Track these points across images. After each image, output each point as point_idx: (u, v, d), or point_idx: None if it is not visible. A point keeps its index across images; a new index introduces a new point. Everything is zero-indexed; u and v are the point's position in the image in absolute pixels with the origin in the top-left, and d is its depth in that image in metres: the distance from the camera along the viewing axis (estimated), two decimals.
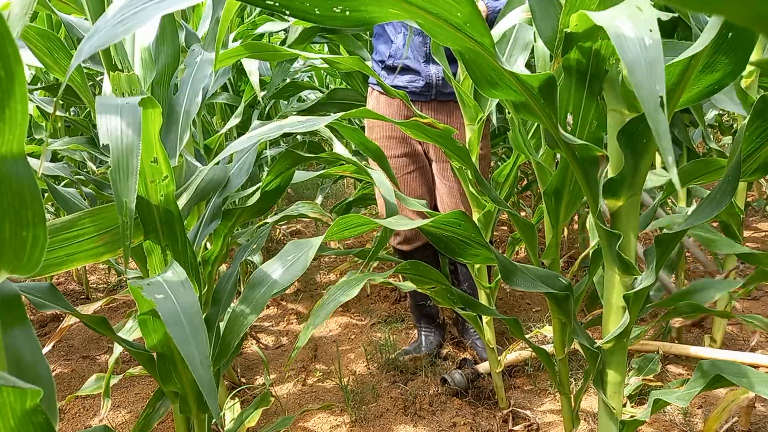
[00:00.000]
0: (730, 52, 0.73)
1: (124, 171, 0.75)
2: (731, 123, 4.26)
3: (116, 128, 0.76)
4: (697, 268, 2.96)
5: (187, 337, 0.75)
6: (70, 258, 0.86)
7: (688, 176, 1.03)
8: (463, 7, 0.63)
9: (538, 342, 2.19)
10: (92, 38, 0.58)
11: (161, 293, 0.80)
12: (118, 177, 0.74)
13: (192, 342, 0.75)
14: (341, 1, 0.61)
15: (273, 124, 1.07)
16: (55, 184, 1.93)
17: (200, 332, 0.77)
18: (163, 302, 0.78)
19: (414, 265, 1.11)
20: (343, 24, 0.64)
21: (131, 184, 0.74)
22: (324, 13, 0.61)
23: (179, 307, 0.78)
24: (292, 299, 2.89)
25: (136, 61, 1.17)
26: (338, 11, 0.62)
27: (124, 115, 0.77)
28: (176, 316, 0.77)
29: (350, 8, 0.62)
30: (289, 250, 1.06)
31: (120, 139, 0.75)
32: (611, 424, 0.98)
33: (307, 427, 1.76)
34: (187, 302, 0.80)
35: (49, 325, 2.66)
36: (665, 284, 1.71)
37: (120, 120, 0.76)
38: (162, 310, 0.76)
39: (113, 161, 0.74)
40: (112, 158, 0.74)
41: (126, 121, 0.76)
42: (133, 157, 0.75)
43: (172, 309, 0.78)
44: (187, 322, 0.77)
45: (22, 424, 0.54)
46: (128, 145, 0.75)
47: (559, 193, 1.12)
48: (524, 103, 0.84)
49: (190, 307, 0.79)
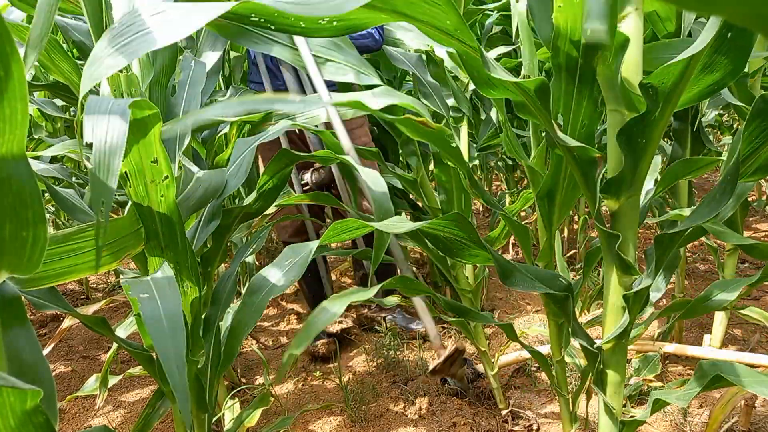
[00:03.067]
0: (730, 52, 0.73)
1: (104, 171, 0.72)
2: (731, 123, 4.26)
3: (102, 128, 0.74)
4: (697, 269, 2.96)
5: (164, 339, 0.76)
6: (68, 270, 0.86)
7: (677, 175, 1.03)
8: (450, 17, 0.64)
9: (536, 342, 2.19)
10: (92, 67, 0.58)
11: (147, 293, 0.81)
12: (98, 177, 0.72)
13: (170, 344, 0.76)
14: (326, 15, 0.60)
15: (265, 95, 1.06)
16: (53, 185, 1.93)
17: (179, 335, 0.77)
18: (147, 302, 0.79)
19: (401, 280, 1.11)
20: (331, 34, 0.64)
21: (110, 185, 0.72)
22: (309, 26, 0.61)
23: (162, 309, 0.79)
24: (292, 299, 2.89)
25: (134, 61, 1.17)
26: (324, 23, 0.62)
27: (111, 115, 0.75)
28: (157, 317, 0.78)
29: (337, 19, 0.62)
30: (287, 254, 1.07)
31: (104, 140, 0.73)
32: (611, 424, 0.98)
33: (307, 427, 1.76)
34: (171, 304, 0.80)
35: (49, 325, 2.66)
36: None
37: (107, 120, 0.75)
38: (144, 310, 0.77)
39: (95, 160, 0.72)
40: (94, 157, 0.72)
41: (113, 121, 0.75)
42: (116, 158, 0.73)
43: (154, 310, 0.78)
44: (168, 324, 0.78)
45: (22, 424, 0.54)
46: (112, 146, 0.73)
47: (551, 195, 1.12)
48: (522, 104, 0.84)
49: (172, 310, 0.80)
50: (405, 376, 2.02)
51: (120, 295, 1.89)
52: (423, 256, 3.23)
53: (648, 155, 0.82)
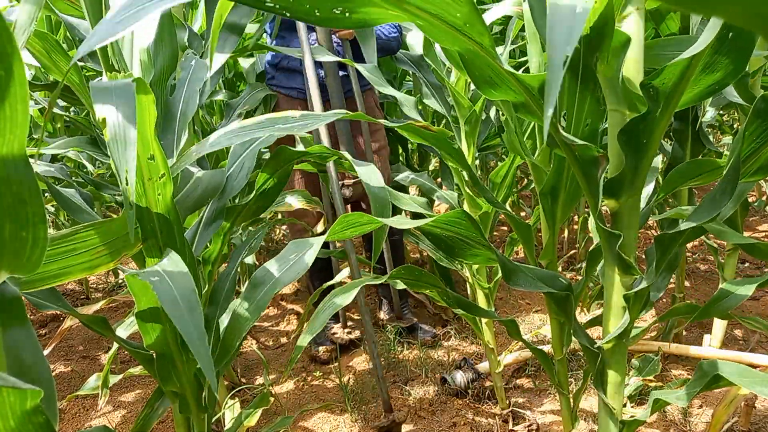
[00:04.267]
0: (731, 53, 0.73)
1: (122, 142, 0.77)
2: (731, 123, 4.26)
3: (112, 104, 0.79)
4: (698, 269, 2.96)
5: (183, 317, 0.76)
6: (65, 271, 0.86)
7: (683, 176, 1.02)
8: (462, 7, 0.63)
9: (537, 342, 2.19)
10: (91, 39, 0.58)
11: (157, 277, 0.81)
12: (116, 147, 0.77)
13: (189, 322, 0.76)
14: (341, 3, 0.61)
15: (264, 117, 1.06)
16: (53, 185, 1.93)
17: (196, 312, 0.78)
18: (159, 284, 0.79)
19: (409, 270, 1.11)
20: (344, 25, 0.64)
21: (130, 153, 0.77)
22: (324, 15, 0.61)
23: (175, 289, 0.79)
24: (292, 299, 2.89)
25: (134, 61, 1.17)
26: (338, 12, 0.61)
27: (116, 94, 0.81)
28: (172, 298, 0.78)
29: (350, 9, 0.61)
30: (291, 249, 1.06)
31: (116, 113, 0.79)
32: (611, 424, 0.98)
33: (307, 427, 1.76)
34: (183, 284, 0.81)
35: (49, 325, 2.66)
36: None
37: (114, 97, 0.80)
38: (158, 289, 0.78)
39: (111, 133, 0.77)
40: (110, 130, 0.77)
41: (120, 97, 0.80)
42: (131, 128, 0.78)
43: (168, 291, 0.79)
44: (184, 302, 0.78)
45: (22, 424, 0.54)
46: (125, 115, 0.78)
47: (555, 193, 1.12)
48: (524, 104, 0.84)
49: (186, 289, 0.80)
50: (405, 376, 2.02)
51: (120, 295, 1.89)
52: (423, 256, 3.23)
53: (649, 155, 0.82)
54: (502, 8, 1.38)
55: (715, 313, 1.10)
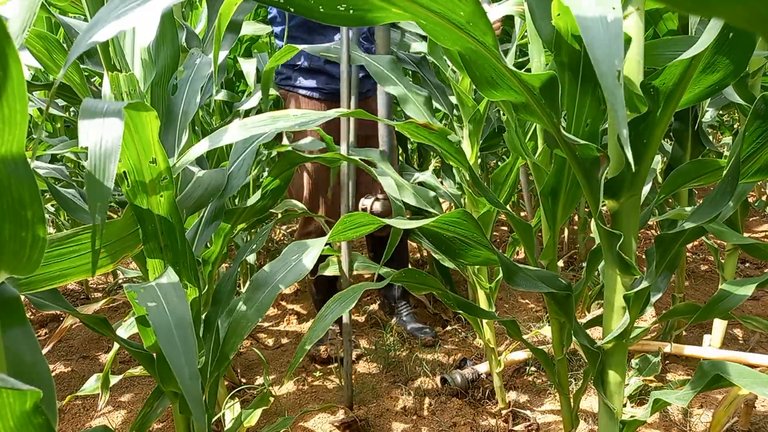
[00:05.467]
0: (731, 53, 0.73)
1: (100, 175, 0.71)
2: (732, 123, 4.26)
3: (97, 132, 0.72)
4: (698, 269, 2.96)
5: (176, 348, 0.75)
6: (65, 273, 0.86)
7: (685, 177, 1.02)
8: (466, 6, 0.63)
9: (537, 342, 2.19)
10: (91, 30, 0.58)
11: (154, 301, 0.80)
12: (93, 181, 0.71)
13: (181, 354, 0.75)
14: (345, 0, 0.61)
15: (265, 115, 1.06)
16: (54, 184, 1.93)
17: (190, 344, 0.76)
18: (155, 311, 0.78)
19: (410, 273, 1.11)
20: (347, 22, 0.63)
21: (106, 189, 0.70)
22: (328, 11, 0.61)
23: (170, 318, 0.78)
24: (292, 299, 2.89)
25: (135, 61, 1.17)
26: (342, 9, 0.61)
27: (106, 118, 0.74)
28: (166, 326, 0.77)
29: (354, 7, 0.61)
30: (293, 250, 1.06)
31: (99, 143, 0.72)
32: (611, 425, 0.98)
33: (307, 427, 1.76)
34: (179, 312, 0.80)
35: (49, 325, 2.66)
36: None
37: (102, 124, 0.73)
38: (153, 320, 0.77)
39: (90, 164, 0.71)
40: (90, 161, 0.71)
41: (108, 125, 0.73)
42: (111, 162, 0.71)
43: (163, 319, 0.78)
44: (178, 333, 0.77)
45: (22, 424, 0.54)
46: (107, 150, 0.72)
47: (555, 194, 1.12)
48: (524, 104, 0.84)
49: (181, 318, 0.79)
50: (405, 377, 2.02)
51: (120, 295, 1.89)
52: (423, 256, 3.23)
53: (649, 155, 0.82)
54: (503, 8, 1.38)
55: (716, 314, 1.10)
